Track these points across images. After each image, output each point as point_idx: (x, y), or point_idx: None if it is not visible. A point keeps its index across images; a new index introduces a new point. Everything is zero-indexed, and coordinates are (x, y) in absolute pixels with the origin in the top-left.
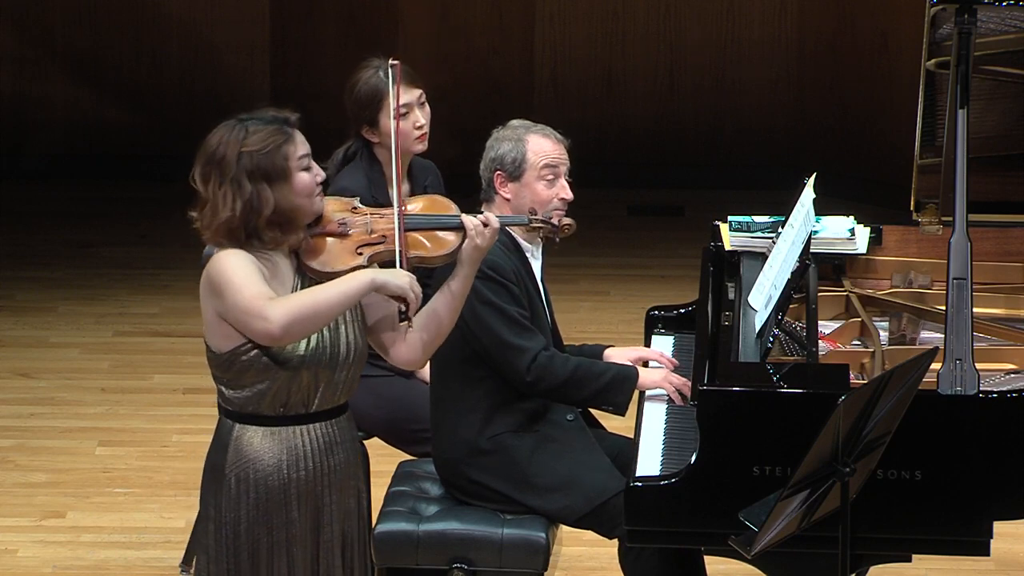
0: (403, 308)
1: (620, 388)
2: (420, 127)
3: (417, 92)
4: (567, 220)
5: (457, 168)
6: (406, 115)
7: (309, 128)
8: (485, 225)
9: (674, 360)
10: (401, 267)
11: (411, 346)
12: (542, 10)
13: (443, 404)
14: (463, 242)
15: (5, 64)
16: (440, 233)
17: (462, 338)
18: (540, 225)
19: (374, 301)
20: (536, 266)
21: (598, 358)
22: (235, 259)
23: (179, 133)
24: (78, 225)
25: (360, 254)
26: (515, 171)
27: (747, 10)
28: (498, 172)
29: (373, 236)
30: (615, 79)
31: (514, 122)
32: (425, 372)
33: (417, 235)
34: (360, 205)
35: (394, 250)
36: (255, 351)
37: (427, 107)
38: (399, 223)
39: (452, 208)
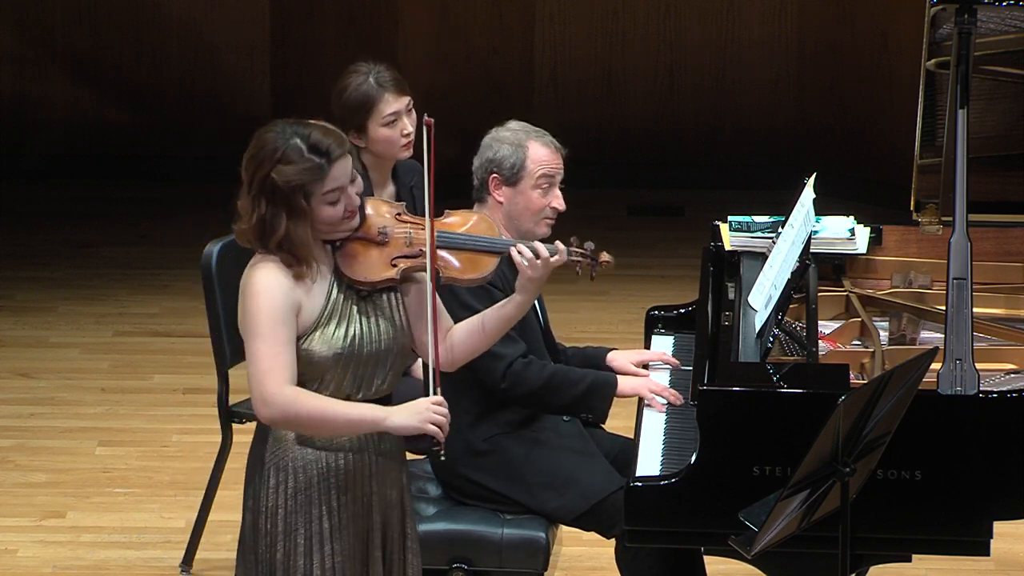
0: (434, 442)
1: (598, 395)
2: (407, 134)
3: (406, 100)
4: (606, 256)
5: (456, 168)
6: (394, 122)
7: None
8: (537, 257)
9: (675, 361)
10: (436, 279)
11: (450, 350)
12: (542, 10)
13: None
14: (499, 265)
15: (5, 64)
16: (477, 255)
17: (471, 300)
18: (579, 259)
19: (414, 298)
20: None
21: (601, 360)
22: (267, 298)
23: (179, 133)
24: (78, 225)
25: (395, 265)
26: (512, 177)
27: (747, 10)
28: (494, 175)
29: (411, 248)
30: (615, 79)
31: (513, 124)
32: (418, 368)
33: (454, 254)
34: (405, 212)
35: (426, 264)
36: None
37: (414, 114)
38: (431, 241)
39: (494, 230)
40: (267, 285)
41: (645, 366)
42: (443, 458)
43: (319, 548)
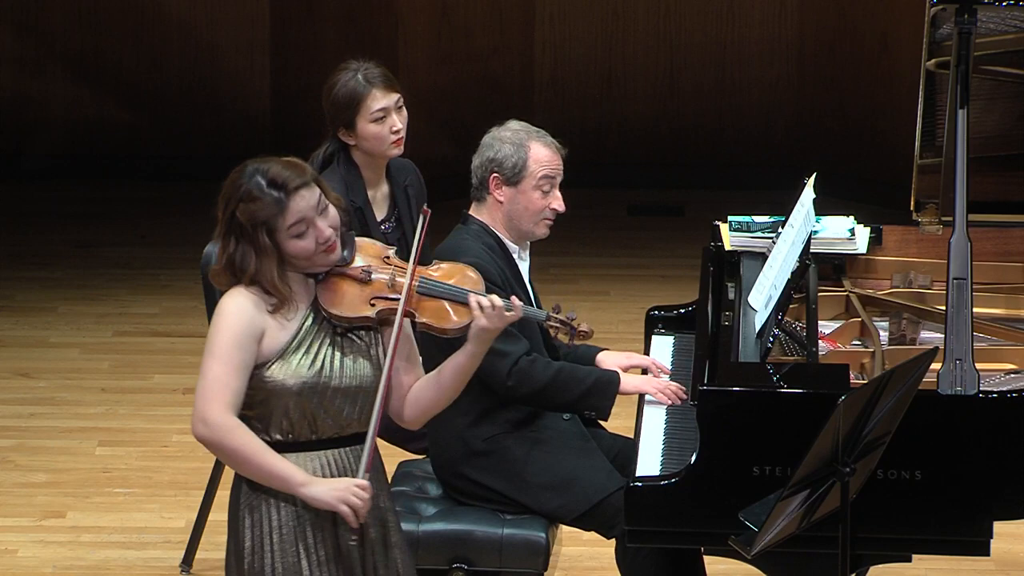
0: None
1: (602, 393)
2: (397, 131)
3: (395, 96)
4: (585, 327)
5: (456, 168)
6: (383, 119)
7: (309, 128)
8: (494, 308)
9: (666, 368)
10: (407, 324)
11: (410, 405)
12: (542, 10)
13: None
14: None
15: (5, 64)
16: (452, 305)
17: (448, 342)
18: (558, 326)
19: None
20: (524, 268)
21: (591, 361)
22: (230, 319)
23: (179, 133)
24: (78, 225)
25: (373, 305)
26: (513, 177)
27: (747, 10)
28: (495, 175)
29: (391, 291)
30: (615, 79)
31: (514, 124)
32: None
33: (432, 302)
34: (393, 256)
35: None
36: (255, 371)
37: (404, 111)
38: (409, 284)
39: (480, 284)
40: (234, 308)
41: (644, 372)
42: (352, 542)
43: None
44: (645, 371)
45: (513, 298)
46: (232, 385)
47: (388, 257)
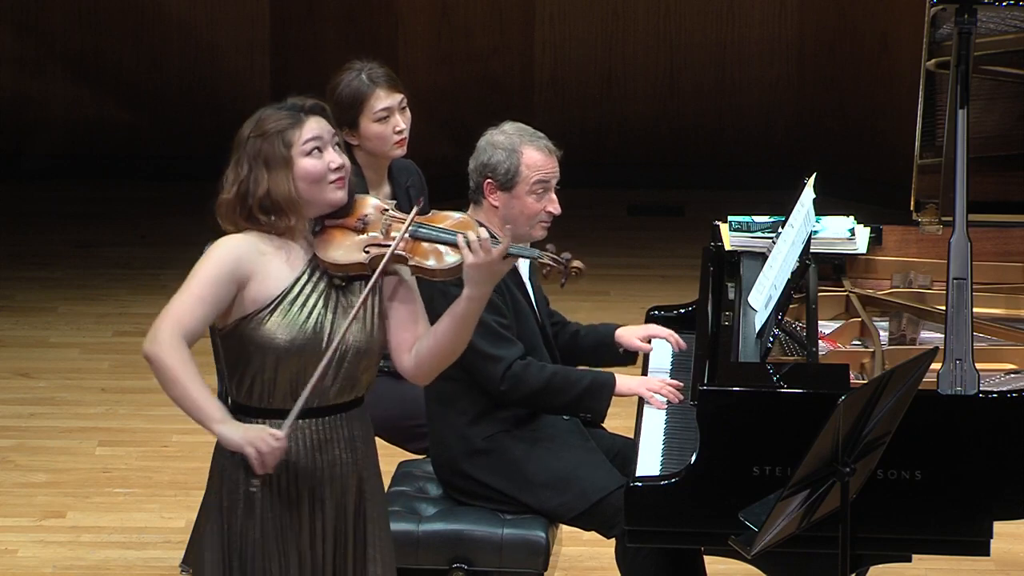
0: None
1: (597, 395)
2: (400, 131)
3: (398, 96)
4: (577, 263)
5: (456, 168)
6: (386, 119)
7: None
8: (480, 240)
9: (681, 342)
10: (392, 261)
11: (417, 360)
12: (542, 10)
13: (439, 406)
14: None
15: (5, 64)
16: (444, 247)
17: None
18: (550, 264)
19: (393, 298)
20: (523, 268)
21: (610, 336)
22: (217, 258)
23: (179, 133)
24: (78, 225)
25: (367, 252)
26: (507, 182)
27: (747, 10)
28: (489, 180)
29: (384, 238)
30: (615, 79)
31: (508, 127)
32: None
33: (424, 245)
34: (393, 209)
35: (393, 253)
36: (238, 326)
37: (408, 112)
38: (403, 231)
39: (474, 227)
40: (224, 247)
41: (648, 341)
42: (254, 489)
43: (272, 557)
44: (649, 341)
45: (507, 229)
46: (195, 313)
47: (386, 210)
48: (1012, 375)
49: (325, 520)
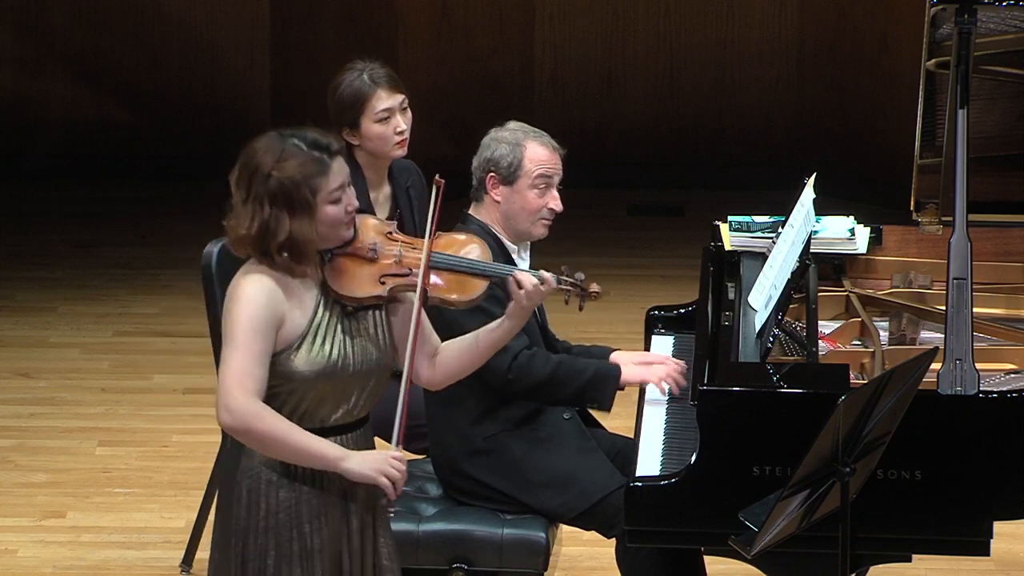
0: (383, 494)
1: (602, 384)
2: (400, 132)
3: (400, 97)
4: (595, 287)
5: (456, 168)
6: (387, 119)
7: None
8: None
9: (680, 362)
10: (423, 300)
11: (439, 369)
12: (542, 10)
13: (439, 406)
14: (487, 289)
15: (5, 64)
16: (467, 278)
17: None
18: (568, 288)
19: (400, 319)
20: (524, 268)
21: (604, 358)
22: (250, 307)
23: (179, 133)
24: (78, 225)
25: (383, 283)
26: (509, 176)
27: (747, 10)
28: (492, 174)
29: (399, 267)
30: (615, 79)
31: (512, 124)
32: None
33: (444, 275)
34: (396, 232)
35: (416, 284)
36: (274, 359)
37: (409, 113)
38: (425, 261)
39: (487, 255)
40: (253, 294)
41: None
42: (392, 515)
43: (293, 568)
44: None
45: (543, 272)
46: (254, 372)
47: (391, 233)
48: (1012, 375)
49: (352, 536)
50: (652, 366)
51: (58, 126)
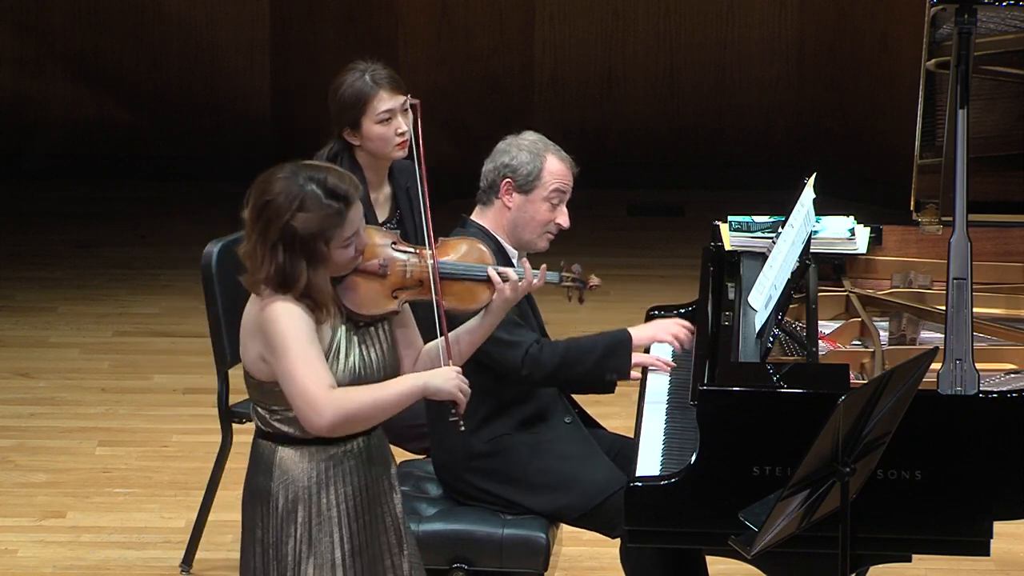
0: (453, 409)
1: (618, 350)
2: (402, 134)
3: (401, 98)
4: (595, 280)
5: (456, 168)
6: (388, 121)
7: (308, 128)
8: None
9: (672, 364)
10: (439, 325)
11: (420, 368)
12: (542, 10)
13: (440, 408)
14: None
15: (5, 64)
16: (474, 285)
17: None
18: (571, 284)
19: (401, 320)
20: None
21: None
22: (291, 321)
23: (179, 133)
24: (78, 225)
25: (396, 297)
26: (526, 185)
27: (747, 10)
28: (508, 180)
29: (410, 280)
30: (615, 79)
31: (531, 135)
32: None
33: (451, 284)
34: (400, 241)
35: (429, 298)
36: None
37: (410, 114)
38: (434, 276)
39: (487, 257)
40: (289, 307)
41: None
42: (463, 428)
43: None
44: (645, 370)
45: (524, 261)
46: (320, 368)
47: (395, 243)
48: (1012, 375)
49: (389, 532)
50: (659, 322)
51: (58, 126)
